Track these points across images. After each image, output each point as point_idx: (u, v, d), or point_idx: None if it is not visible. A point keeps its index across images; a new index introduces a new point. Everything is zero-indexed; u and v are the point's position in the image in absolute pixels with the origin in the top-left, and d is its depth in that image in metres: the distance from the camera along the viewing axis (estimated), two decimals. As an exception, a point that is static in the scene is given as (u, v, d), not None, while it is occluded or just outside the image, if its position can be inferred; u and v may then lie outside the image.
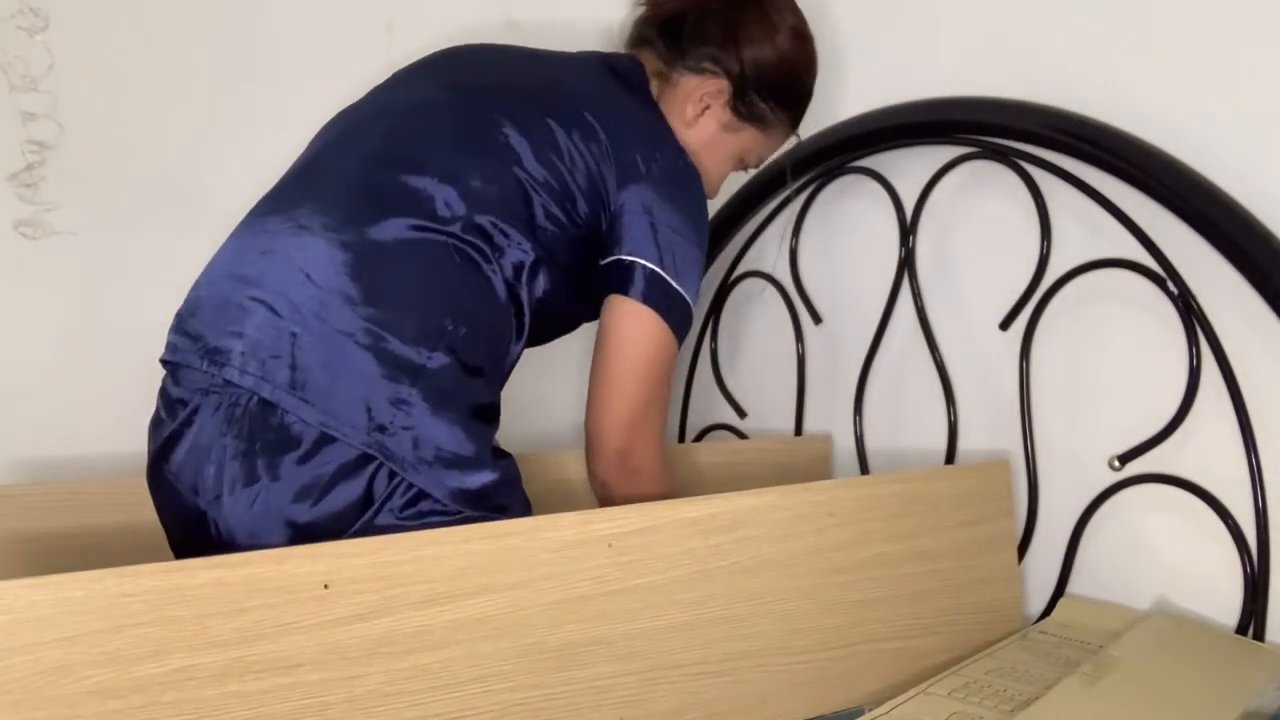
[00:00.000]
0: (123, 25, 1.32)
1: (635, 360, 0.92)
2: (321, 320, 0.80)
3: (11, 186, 1.28)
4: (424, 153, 0.88)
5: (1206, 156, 0.99)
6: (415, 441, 0.81)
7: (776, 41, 1.01)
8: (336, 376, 0.80)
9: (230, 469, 0.80)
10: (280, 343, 0.80)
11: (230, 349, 0.81)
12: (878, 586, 0.96)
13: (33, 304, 1.31)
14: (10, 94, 1.27)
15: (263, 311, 0.81)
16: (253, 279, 0.84)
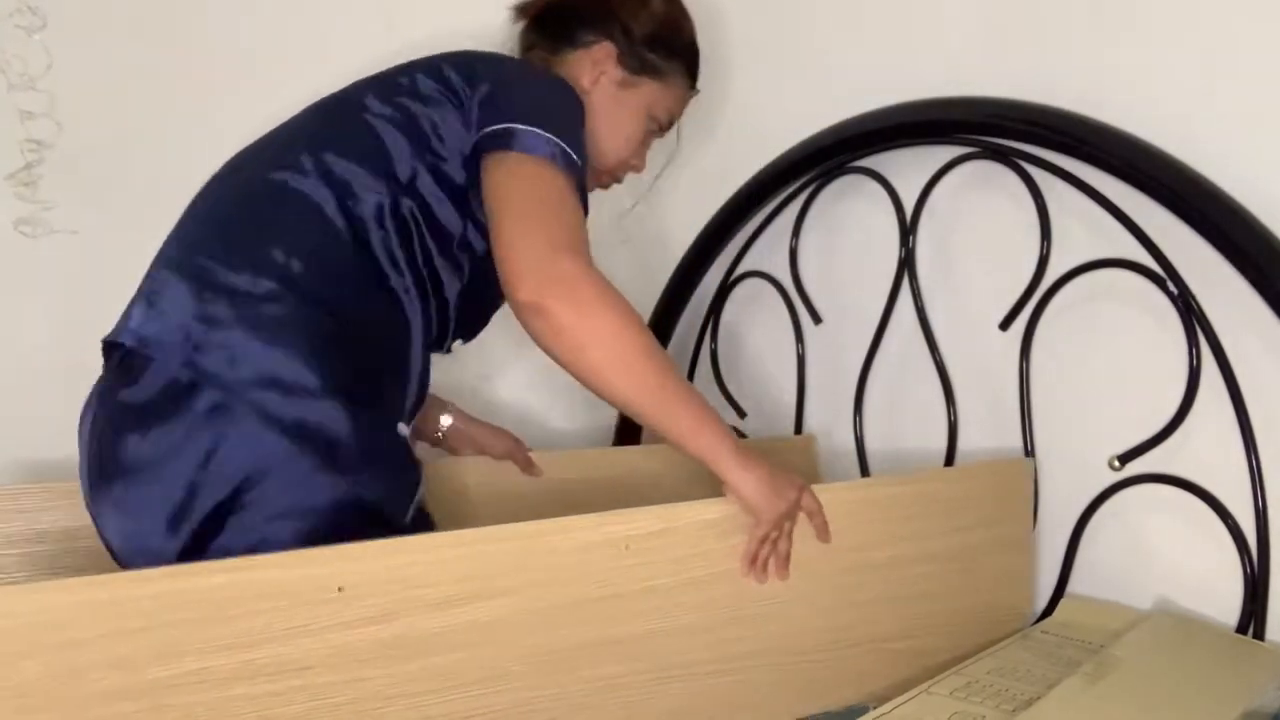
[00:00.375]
0: (121, 24, 1.32)
1: (520, 187, 0.84)
2: (170, 264, 0.86)
3: (10, 185, 1.28)
4: (299, 131, 0.93)
5: (1206, 156, 0.99)
6: (232, 359, 0.78)
7: (650, 5, 1.07)
8: (162, 306, 0.83)
9: (93, 424, 0.84)
10: (150, 291, 0.86)
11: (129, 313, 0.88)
12: (885, 587, 0.96)
13: (32, 302, 1.31)
14: (9, 93, 1.27)
15: (160, 267, 0.88)
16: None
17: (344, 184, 0.87)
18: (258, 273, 0.82)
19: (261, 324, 0.80)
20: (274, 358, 0.79)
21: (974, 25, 1.18)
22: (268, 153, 0.93)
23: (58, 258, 1.31)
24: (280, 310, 0.81)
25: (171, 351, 0.80)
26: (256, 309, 0.81)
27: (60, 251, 1.31)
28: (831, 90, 1.31)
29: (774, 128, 1.36)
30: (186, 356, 0.79)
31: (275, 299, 0.81)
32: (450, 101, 0.92)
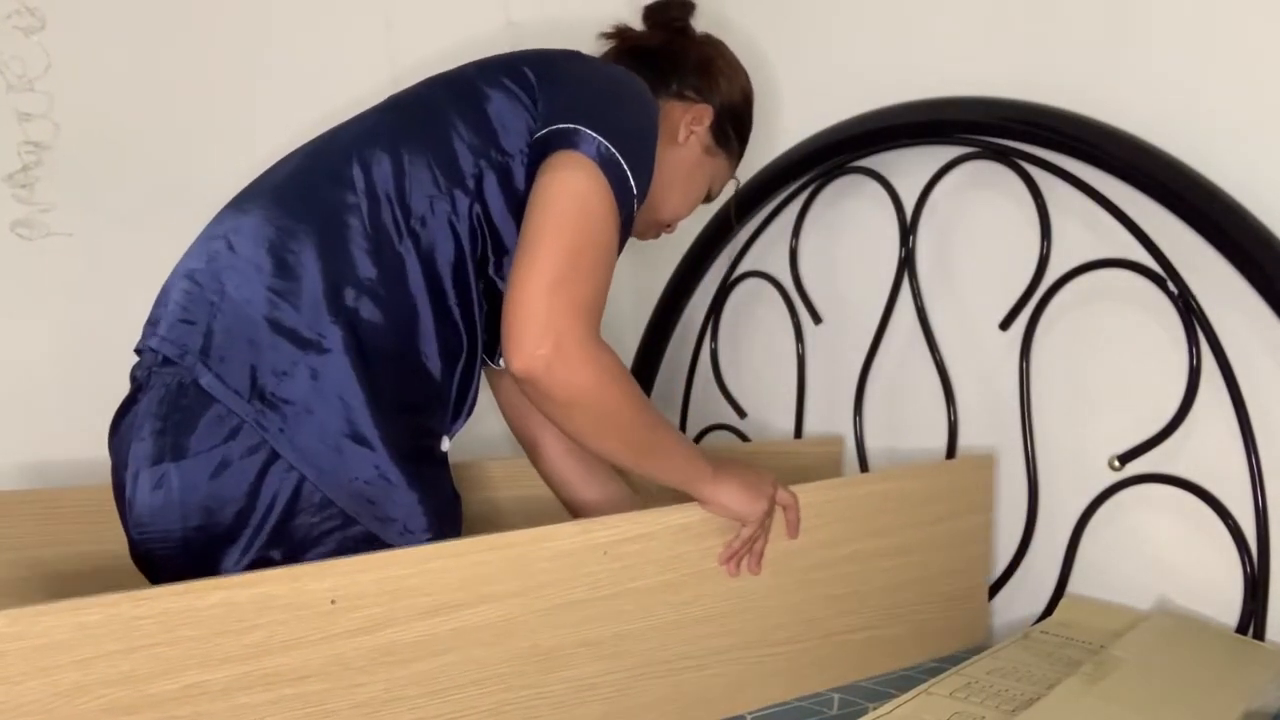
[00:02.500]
0: (119, 25, 1.31)
1: (561, 212, 0.79)
2: (235, 287, 0.82)
3: (8, 187, 1.28)
4: (363, 141, 0.88)
5: (1206, 156, 0.99)
6: (297, 417, 0.79)
7: (741, 78, 1.08)
8: (234, 343, 0.81)
9: (143, 447, 0.80)
10: (198, 310, 0.82)
11: (159, 318, 0.85)
12: (852, 581, 0.99)
13: (29, 305, 1.31)
14: (7, 94, 1.26)
15: (187, 283, 0.84)
16: (190, 256, 0.88)
17: (405, 194, 0.85)
18: (332, 316, 0.82)
19: (331, 378, 0.80)
20: (333, 411, 0.80)
21: (974, 25, 1.18)
22: (329, 163, 0.88)
23: (55, 260, 1.31)
24: (344, 362, 0.81)
25: (238, 401, 0.80)
26: (327, 360, 0.81)
27: (58, 254, 1.31)
28: (831, 90, 1.31)
29: (774, 128, 1.36)
30: (252, 410, 0.79)
31: (345, 348, 0.81)
32: (520, 98, 0.87)
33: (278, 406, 0.79)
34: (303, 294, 0.81)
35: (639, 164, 0.83)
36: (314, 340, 0.80)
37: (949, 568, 1.07)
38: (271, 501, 0.79)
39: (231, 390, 0.79)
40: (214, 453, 0.78)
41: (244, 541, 0.79)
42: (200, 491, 0.78)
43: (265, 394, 0.79)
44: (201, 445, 0.79)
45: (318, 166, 0.89)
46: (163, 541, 0.79)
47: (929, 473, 1.08)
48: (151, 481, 0.80)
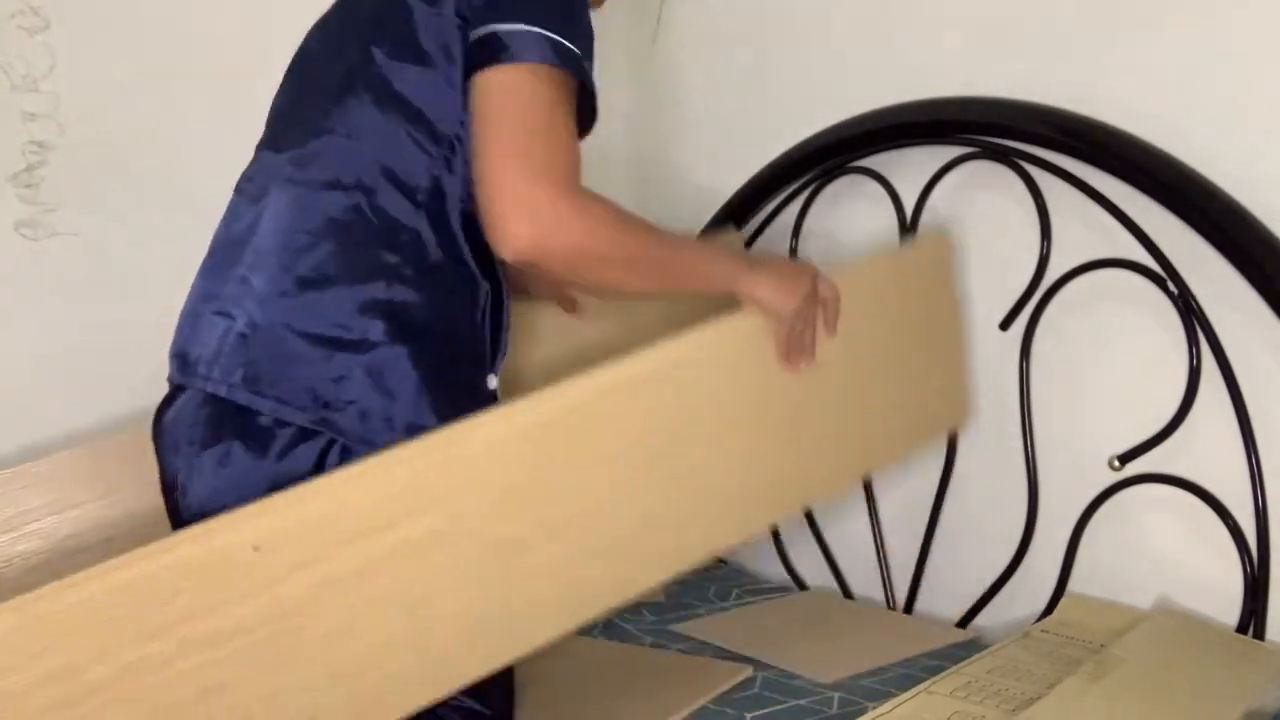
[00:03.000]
0: (123, 25, 1.32)
1: (499, 106, 0.80)
2: (265, 316, 0.85)
3: (12, 187, 1.28)
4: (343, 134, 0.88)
5: (1206, 156, 0.99)
6: (362, 415, 0.82)
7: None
8: (283, 366, 0.83)
9: (197, 448, 0.84)
10: (232, 344, 0.85)
11: (196, 357, 0.88)
12: (823, 389, 0.97)
13: (33, 305, 1.31)
14: (11, 94, 1.27)
15: (219, 320, 0.87)
16: (210, 281, 0.90)
17: (402, 175, 0.85)
18: (367, 316, 0.84)
19: (383, 373, 0.83)
20: (392, 403, 0.83)
21: (974, 25, 1.18)
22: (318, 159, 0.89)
23: (60, 260, 1.31)
24: (392, 354, 0.83)
25: (305, 415, 0.83)
26: (374, 358, 0.83)
27: (62, 254, 1.31)
28: (832, 90, 1.31)
29: (775, 128, 1.36)
30: (321, 418, 0.82)
31: (388, 342, 0.83)
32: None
33: (344, 409, 0.81)
34: (332, 302, 0.83)
35: (570, 26, 0.82)
36: (358, 340, 0.83)
37: (925, 362, 1.07)
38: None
39: (295, 409, 0.82)
40: (280, 439, 0.81)
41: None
42: (266, 470, 0.80)
43: (328, 402, 0.82)
44: (268, 437, 0.82)
45: (310, 177, 0.89)
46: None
47: (889, 261, 1.07)
48: (215, 459, 0.82)
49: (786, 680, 1.01)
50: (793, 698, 0.98)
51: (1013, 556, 1.16)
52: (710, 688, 0.99)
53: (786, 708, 0.96)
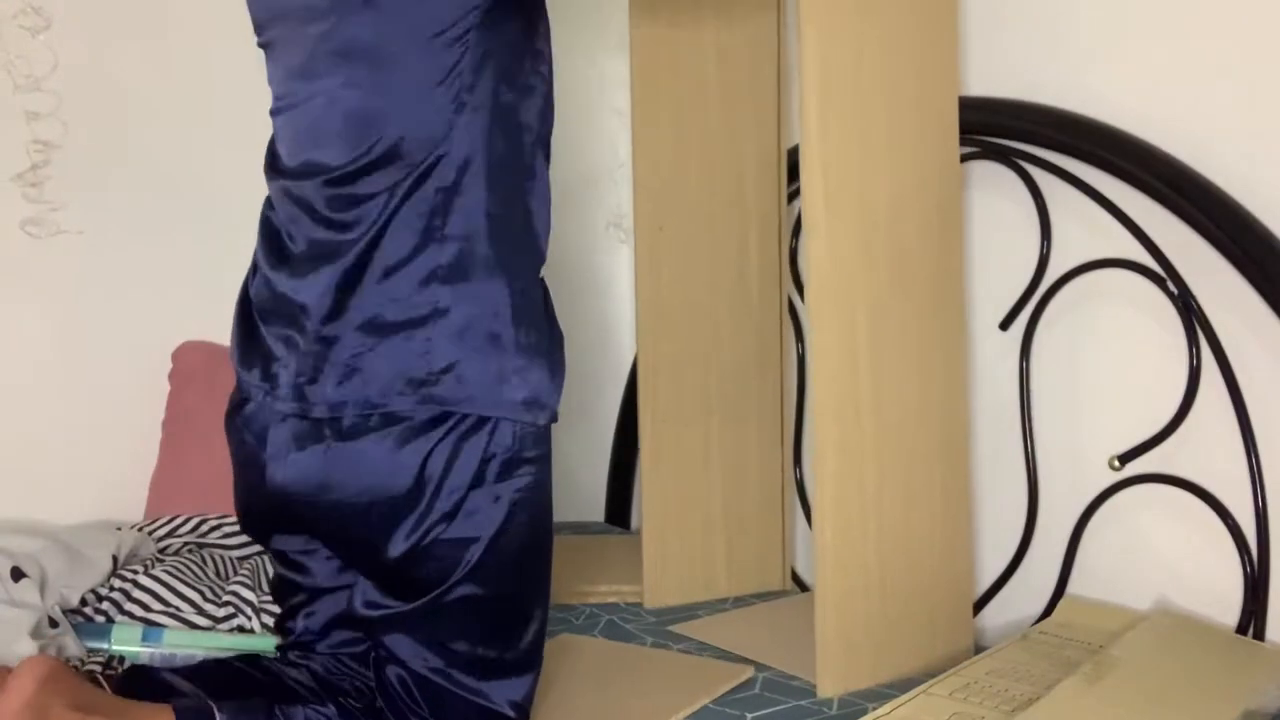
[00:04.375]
0: (125, 24, 1.32)
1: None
2: (326, 327, 0.85)
3: (17, 186, 1.29)
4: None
5: (1206, 156, 0.99)
6: (459, 377, 0.83)
7: None
8: (368, 365, 0.83)
9: (296, 427, 0.85)
10: (306, 363, 0.86)
11: (275, 374, 0.88)
12: None
13: (39, 302, 1.32)
14: (14, 94, 1.27)
15: (283, 348, 0.88)
16: (271, 312, 0.90)
17: (424, 147, 0.84)
18: (428, 285, 0.85)
19: (462, 332, 0.85)
20: (481, 359, 0.85)
21: (974, 25, 1.18)
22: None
23: (65, 257, 1.32)
24: (467, 312, 0.85)
25: (405, 401, 0.85)
26: (450, 319, 0.85)
27: (67, 251, 1.32)
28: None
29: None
30: (422, 396, 0.84)
31: (461, 305, 0.85)
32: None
33: (440, 380, 0.82)
34: (394, 289, 0.83)
35: None
36: (430, 313, 0.83)
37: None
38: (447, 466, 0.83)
39: (394, 395, 0.82)
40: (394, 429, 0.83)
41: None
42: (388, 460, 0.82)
43: (423, 379, 0.82)
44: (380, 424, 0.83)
45: (327, 195, 0.87)
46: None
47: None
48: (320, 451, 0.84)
49: (786, 680, 1.01)
50: (793, 698, 0.98)
51: (1012, 557, 1.15)
52: (711, 688, 0.99)
53: (786, 708, 0.96)
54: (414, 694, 0.86)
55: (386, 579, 0.86)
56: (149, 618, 1.08)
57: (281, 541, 0.94)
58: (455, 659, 0.86)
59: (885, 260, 1.02)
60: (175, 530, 1.26)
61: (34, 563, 1.08)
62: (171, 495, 1.31)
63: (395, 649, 0.87)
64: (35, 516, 1.27)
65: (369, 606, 0.87)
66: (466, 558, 0.84)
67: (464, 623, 0.86)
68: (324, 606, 0.95)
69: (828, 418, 0.98)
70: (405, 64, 0.81)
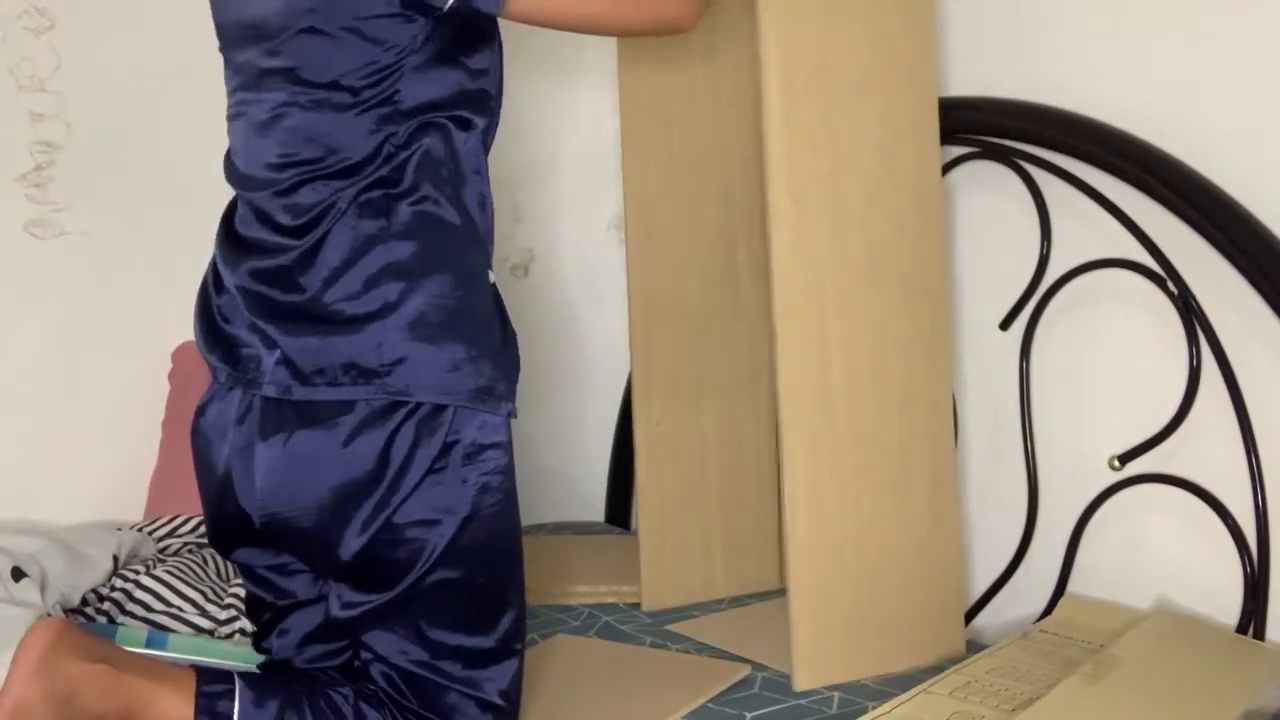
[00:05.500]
0: (128, 24, 1.33)
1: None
2: (287, 334, 0.87)
3: (21, 187, 1.29)
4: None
5: (1206, 156, 0.99)
6: (406, 369, 0.84)
7: None
8: (319, 360, 0.85)
9: (260, 421, 0.86)
10: (264, 350, 0.87)
11: (240, 368, 0.89)
12: None
13: (43, 303, 1.32)
14: (18, 94, 1.28)
15: (250, 335, 0.89)
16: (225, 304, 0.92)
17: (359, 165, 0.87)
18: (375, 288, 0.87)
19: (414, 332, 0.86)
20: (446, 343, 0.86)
21: (974, 25, 1.18)
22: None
23: (68, 258, 1.32)
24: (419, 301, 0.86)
25: (359, 388, 0.86)
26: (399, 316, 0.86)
27: (71, 252, 1.32)
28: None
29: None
30: (376, 387, 0.85)
31: (409, 293, 0.86)
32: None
33: (392, 370, 0.83)
34: (345, 287, 0.84)
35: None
36: (380, 308, 0.84)
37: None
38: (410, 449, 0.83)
39: (348, 387, 0.83)
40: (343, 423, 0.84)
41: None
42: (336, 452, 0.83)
43: (375, 370, 0.83)
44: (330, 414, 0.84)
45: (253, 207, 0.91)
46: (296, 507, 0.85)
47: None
48: (279, 444, 0.84)
49: (786, 680, 1.01)
50: (793, 697, 0.98)
51: (1013, 557, 1.15)
52: (710, 687, 0.99)
53: (786, 707, 0.96)
54: (402, 689, 0.87)
55: (356, 575, 0.87)
56: (151, 618, 1.08)
57: (248, 555, 0.94)
58: (438, 650, 0.87)
59: (858, 254, 1.03)
60: (175, 530, 1.27)
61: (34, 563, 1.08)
62: (171, 495, 1.31)
63: (377, 646, 0.87)
64: (35, 516, 1.27)
65: (347, 607, 0.88)
66: (436, 540, 0.85)
67: (442, 610, 0.86)
68: (296, 623, 0.95)
69: (794, 409, 0.99)
70: (345, 84, 0.85)
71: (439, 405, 0.84)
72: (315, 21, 0.84)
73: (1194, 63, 1.02)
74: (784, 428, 0.99)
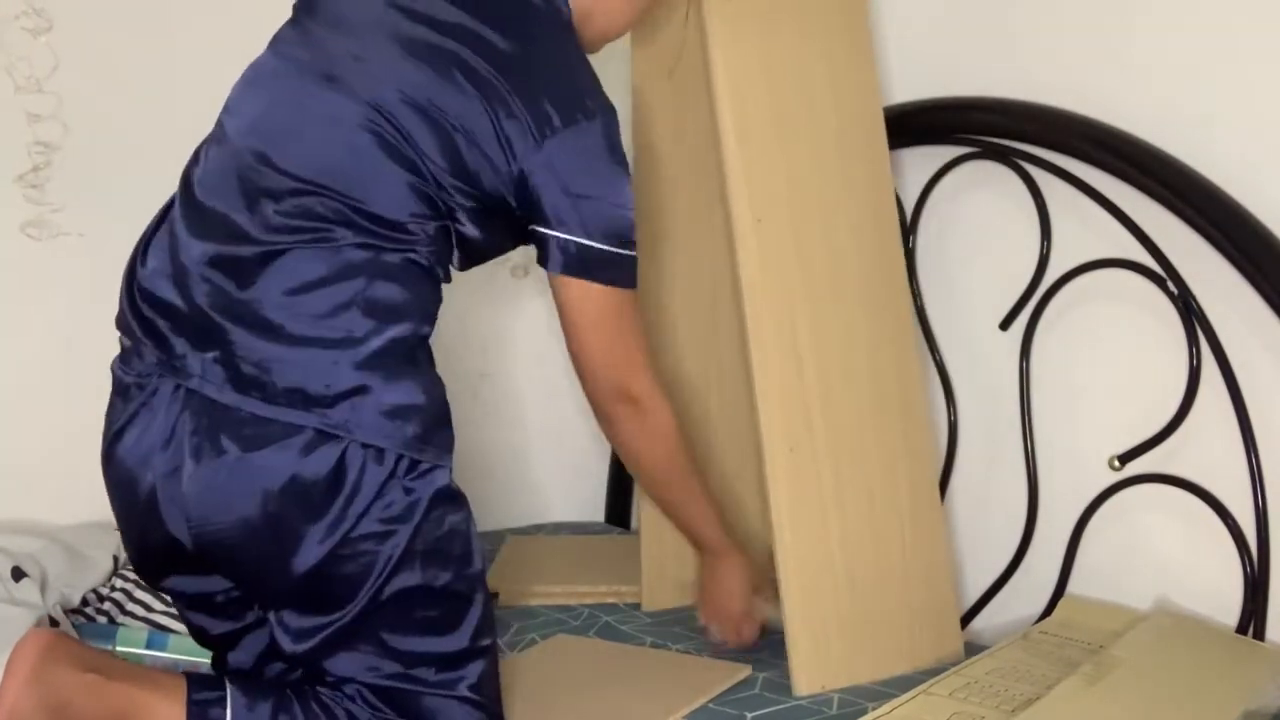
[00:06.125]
0: (126, 25, 1.32)
1: (586, 327, 0.92)
2: (217, 314, 0.85)
3: (18, 188, 1.29)
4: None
5: (1206, 156, 0.99)
6: (354, 407, 0.83)
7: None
8: (266, 376, 0.83)
9: (190, 443, 0.83)
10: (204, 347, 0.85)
11: (182, 356, 0.86)
12: None
13: (41, 304, 1.32)
14: (15, 95, 1.28)
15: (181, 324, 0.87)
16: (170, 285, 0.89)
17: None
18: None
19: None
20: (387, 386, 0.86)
21: (974, 26, 1.18)
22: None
23: (66, 260, 1.32)
24: (375, 345, 0.86)
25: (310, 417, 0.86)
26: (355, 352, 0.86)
27: (68, 254, 1.32)
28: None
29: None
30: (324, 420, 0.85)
31: (370, 334, 0.86)
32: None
33: (335, 404, 0.82)
34: (309, 304, 0.83)
35: (628, 221, 0.92)
36: (343, 338, 0.83)
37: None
38: (359, 477, 0.82)
39: (282, 407, 0.82)
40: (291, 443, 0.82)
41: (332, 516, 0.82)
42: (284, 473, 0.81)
43: (318, 397, 0.82)
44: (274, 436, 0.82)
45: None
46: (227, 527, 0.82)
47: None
48: (212, 470, 0.82)
49: (786, 680, 1.01)
50: (793, 698, 0.98)
51: (1012, 557, 1.16)
52: (710, 687, 0.99)
53: (786, 707, 0.96)
54: (377, 705, 0.85)
55: (303, 597, 0.84)
56: (151, 619, 1.08)
57: (179, 583, 0.91)
58: (408, 659, 0.85)
59: (821, 263, 1.05)
60: (176, 531, 1.27)
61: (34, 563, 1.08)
62: (172, 496, 1.31)
63: (343, 669, 0.85)
64: (35, 516, 1.26)
65: (299, 637, 0.84)
66: (390, 551, 0.83)
67: (404, 618, 0.85)
68: (248, 646, 0.93)
69: (771, 420, 1.00)
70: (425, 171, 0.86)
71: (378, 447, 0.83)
72: (431, 111, 0.85)
73: (1194, 63, 1.02)
74: (763, 438, 1.00)
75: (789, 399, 1.01)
